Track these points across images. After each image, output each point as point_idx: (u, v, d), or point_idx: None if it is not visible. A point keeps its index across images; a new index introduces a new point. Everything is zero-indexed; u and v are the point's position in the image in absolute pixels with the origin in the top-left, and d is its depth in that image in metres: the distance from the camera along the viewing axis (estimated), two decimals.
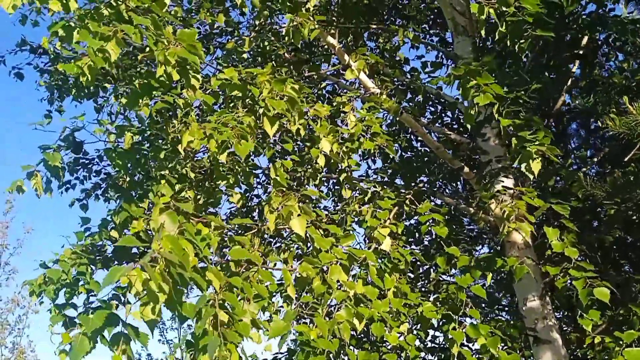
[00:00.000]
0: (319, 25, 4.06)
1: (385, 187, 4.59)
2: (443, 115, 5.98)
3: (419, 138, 5.63)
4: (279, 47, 5.08)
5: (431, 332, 4.41)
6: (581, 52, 4.72)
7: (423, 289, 4.80)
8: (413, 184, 5.14)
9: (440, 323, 3.79)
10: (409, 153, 5.74)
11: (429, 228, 3.82)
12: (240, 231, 4.18)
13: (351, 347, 3.85)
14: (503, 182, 4.26)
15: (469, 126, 4.06)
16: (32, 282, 3.63)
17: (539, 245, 4.24)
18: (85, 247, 3.77)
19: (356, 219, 4.28)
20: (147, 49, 3.05)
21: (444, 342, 4.48)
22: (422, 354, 4.22)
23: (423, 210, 3.88)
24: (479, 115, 4.25)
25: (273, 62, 5.18)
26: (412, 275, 4.70)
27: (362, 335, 4.33)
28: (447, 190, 5.95)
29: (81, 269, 3.63)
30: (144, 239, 3.12)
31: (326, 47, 4.67)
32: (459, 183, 5.79)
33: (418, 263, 4.71)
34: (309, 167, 4.87)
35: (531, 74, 4.39)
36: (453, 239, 4.12)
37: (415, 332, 3.77)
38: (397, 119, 4.65)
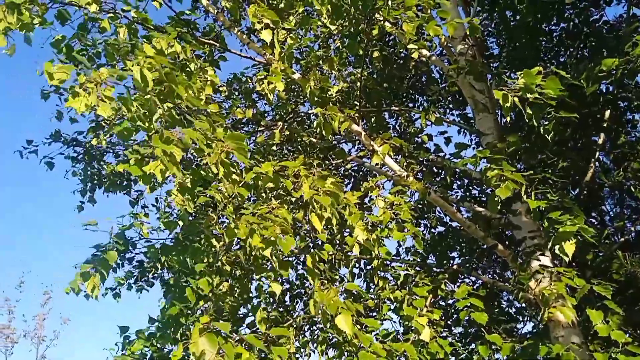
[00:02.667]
0: (347, 116, 4.21)
1: (418, 268, 4.55)
2: (471, 188, 5.99)
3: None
4: (304, 135, 5.25)
5: None
6: (605, 125, 4.75)
7: None
8: (446, 262, 5.08)
9: None
10: (439, 228, 5.71)
11: (468, 314, 3.74)
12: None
13: None
14: (540, 260, 4.19)
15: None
16: None
17: (583, 321, 4.09)
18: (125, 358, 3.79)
19: (392, 306, 4.23)
20: (198, 147, 3.18)
21: None
22: None
23: (460, 295, 3.81)
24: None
25: (301, 150, 5.35)
26: None
27: None
28: (481, 264, 5.85)
29: None
30: None
31: (351, 133, 4.82)
32: (493, 258, 5.69)
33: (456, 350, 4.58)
34: (340, 250, 4.89)
35: (557, 149, 4.41)
36: (492, 319, 4.01)
37: None
38: (426, 200, 4.68)
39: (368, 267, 5.69)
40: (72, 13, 3.88)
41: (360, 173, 6.45)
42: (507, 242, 5.17)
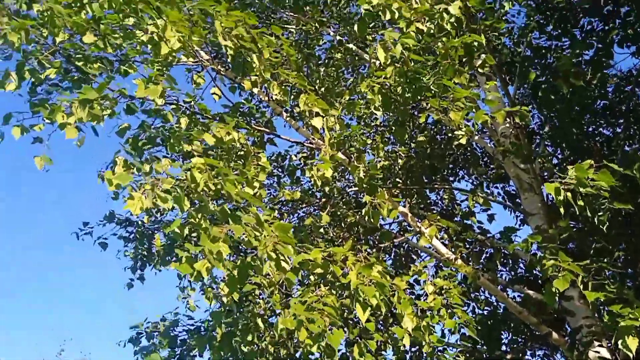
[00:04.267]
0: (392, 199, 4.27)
1: (468, 355, 4.43)
2: (517, 267, 5.88)
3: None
4: (350, 214, 5.32)
5: None
6: None
7: None
8: (496, 347, 4.93)
9: None
10: (487, 310, 5.58)
11: None
12: None
13: None
14: (599, 352, 4.04)
15: None
16: None
17: None
18: None
19: None
20: (247, 240, 3.26)
21: None
22: None
23: None
24: None
25: (345, 227, 5.40)
26: None
27: None
28: (531, 345, 5.64)
29: None
30: None
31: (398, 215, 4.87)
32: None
33: None
34: (387, 332, 4.82)
35: (609, 233, 4.33)
36: None
37: None
38: (475, 283, 4.63)
39: (414, 349, 5.56)
40: (137, 104, 4.12)
41: (402, 249, 6.43)
42: (555, 320, 4.99)
